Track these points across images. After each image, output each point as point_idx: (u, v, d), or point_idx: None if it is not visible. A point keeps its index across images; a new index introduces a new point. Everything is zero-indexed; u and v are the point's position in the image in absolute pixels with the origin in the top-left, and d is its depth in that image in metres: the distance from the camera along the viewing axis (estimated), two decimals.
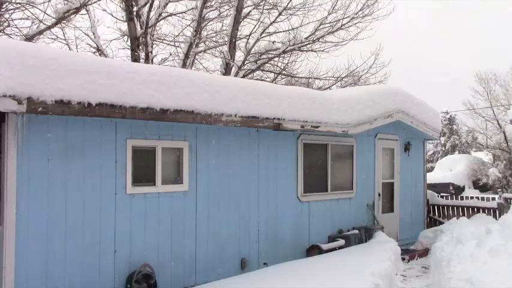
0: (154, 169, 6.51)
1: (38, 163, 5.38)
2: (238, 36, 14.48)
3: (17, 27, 10.79)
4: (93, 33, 13.88)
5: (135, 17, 12.88)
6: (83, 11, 11.85)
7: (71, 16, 10.67)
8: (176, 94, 6.19)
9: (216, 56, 16.07)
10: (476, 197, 12.30)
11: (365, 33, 40.17)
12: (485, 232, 8.23)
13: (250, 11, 15.22)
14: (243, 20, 14.88)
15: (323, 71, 33.10)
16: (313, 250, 8.49)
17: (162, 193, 6.57)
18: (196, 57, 15.35)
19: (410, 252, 10.07)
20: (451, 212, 12.35)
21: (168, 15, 14.81)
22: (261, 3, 14.87)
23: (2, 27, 10.93)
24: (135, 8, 12.95)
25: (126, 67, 5.90)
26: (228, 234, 7.35)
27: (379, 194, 10.41)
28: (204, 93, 6.51)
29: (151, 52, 13.73)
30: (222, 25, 15.61)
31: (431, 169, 28.90)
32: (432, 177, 22.38)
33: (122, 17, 13.86)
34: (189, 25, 14.82)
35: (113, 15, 13.94)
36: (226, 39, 14.36)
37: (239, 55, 15.08)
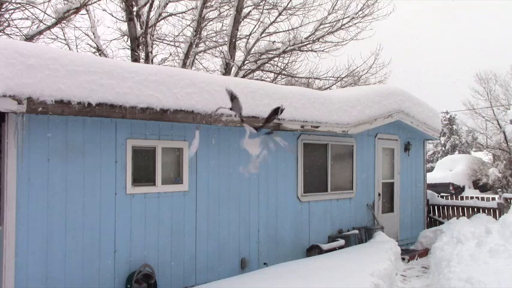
0: (154, 169, 6.51)
1: (38, 163, 5.38)
2: (238, 36, 14.48)
3: (17, 27, 10.79)
4: (93, 33, 13.89)
5: (135, 17, 12.88)
6: (83, 11, 11.86)
7: (71, 16, 10.66)
8: (176, 94, 6.19)
9: (216, 56, 16.09)
10: (476, 197, 12.30)
11: (365, 33, 40.40)
12: (485, 232, 8.24)
13: (250, 11, 15.24)
14: (243, 20, 14.89)
15: (323, 71, 33.21)
16: (313, 250, 8.50)
17: (162, 193, 6.57)
18: (196, 57, 15.37)
19: (410, 252, 10.07)
20: (451, 212, 12.36)
21: (168, 15, 14.83)
22: (261, 3, 14.88)
23: (2, 27, 10.93)
24: (135, 8, 12.96)
25: (126, 67, 5.90)
26: (228, 234, 7.35)
27: (379, 194, 10.42)
28: (204, 93, 6.51)
29: (151, 52, 13.73)
30: (222, 25, 15.64)
31: (431, 169, 28.91)
32: (432, 177, 22.38)
33: (122, 17, 13.89)
34: (189, 25, 14.84)
35: (113, 15, 13.98)
36: (226, 39, 14.37)
37: (239, 55, 15.11)
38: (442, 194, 14.24)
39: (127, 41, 13.88)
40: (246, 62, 14.67)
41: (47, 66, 5.08)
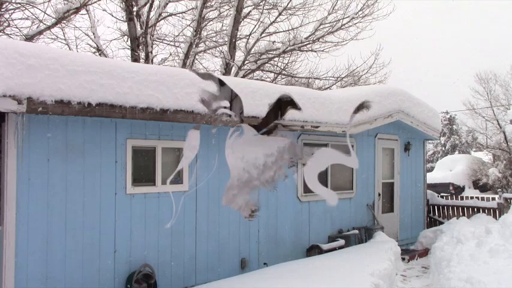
0: (154, 169, 6.51)
1: (38, 163, 5.38)
2: (238, 36, 14.49)
3: (17, 27, 10.80)
4: (93, 33, 13.90)
5: (135, 17, 12.89)
6: (83, 11, 11.86)
7: (71, 16, 10.67)
8: (176, 94, 6.19)
9: (216, 56, 16.10)
10: (476, 197, 12.31)
11: (365, 33, 40.31)
12: (485, 232, 8.24)
13: (250, 11, 15.25)
14: (243, 20, 14.89)
15: (323, 71, 33.19)
16: (313, 250, 8.50)
17: (162, 193, 6.57)
18: (196, 57, 15.37)
19: (410, 252, 10.07)
20: (451, 212, 12.36)
21: (168, 15, 14.83)
22: (261, 3, 14.89)
23: (2, 27, 10.93)
24: (135, 8, 12.97)
25: (126, 67, 5.90)
26: (228, 234, 7.35)
27: (379, 194, 10.42)
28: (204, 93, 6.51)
29: (151, 52, 13.74)
30: (222, 25, 15.65)
31: (431, 169, 28.89)
32: (432, 177, 22.37)
33: (122, 17, 13.89)
34: (189, 25, 14.84)
35: (113, 15, 13.99)
36: (226, 39, 14.37)
37: (239, 55, 15.12)
38: (442, 194, 14.25)
39: (127, 41, 13.89)
40: (246, 62, 14.67)
41: (47, 66, 5.08)
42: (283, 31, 15.35)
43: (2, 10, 10.53)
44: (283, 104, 7.59)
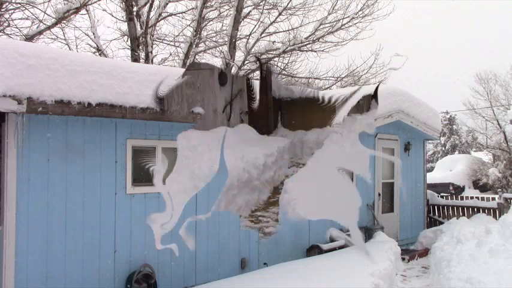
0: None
1: (38, 163, 5.38)
2: (238, 36, 14.49)
3: (17, 27, 10.81)
4: (93, 33, 13.91)
5: (135, 17, 12.90)
6: (83, 11, 11.87)
7: (71, 16, 10.68)
8: None
9: (216, 56, 16.10)
10: (476, 197, 12.31)
11: (365, 33, 40.24)
12: (485, 232, 8.24)
13: (250, 11, 15.25)
14: (243, 20, 14.89)
15: (323, 71, 33.16)
16: (313, 250, 8.50)
17: (162, 193, 6.55)
18: (196, 57, 15.36)
19: (410, 252, 10.07)
20: (451, 212, 12.36)
21: (168, 15, 14.84)
22: (261, 3, 14.89)
23: (2, 27, 10.93)
24: (135, 8, 12.98)
25: (126, 67, 5.90)
26: (228, 234, 7.35)
27: (379, 194, 10.41)
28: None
29: (151, 52, 13.74)
30: (222, 25, 15.65)
31: (431, 169, 28.89)
32: (432, 177, 22.35)
33: (122, 17, 13.90)
34: (189, 25, 14.85)
35: (113, 15, 14.00)
36: (226, 39, 14.37)
37: (239, 55, 15.12)
38: (442, 194, 14.24)
39: (127, 41, 13.90)
40: (246, 62, 14.68)
41: (47, 66, 5.09)
42: (283, 31, 15.36)
43: (2, 10, 10.53)
44: (284, 104, 7.56)
